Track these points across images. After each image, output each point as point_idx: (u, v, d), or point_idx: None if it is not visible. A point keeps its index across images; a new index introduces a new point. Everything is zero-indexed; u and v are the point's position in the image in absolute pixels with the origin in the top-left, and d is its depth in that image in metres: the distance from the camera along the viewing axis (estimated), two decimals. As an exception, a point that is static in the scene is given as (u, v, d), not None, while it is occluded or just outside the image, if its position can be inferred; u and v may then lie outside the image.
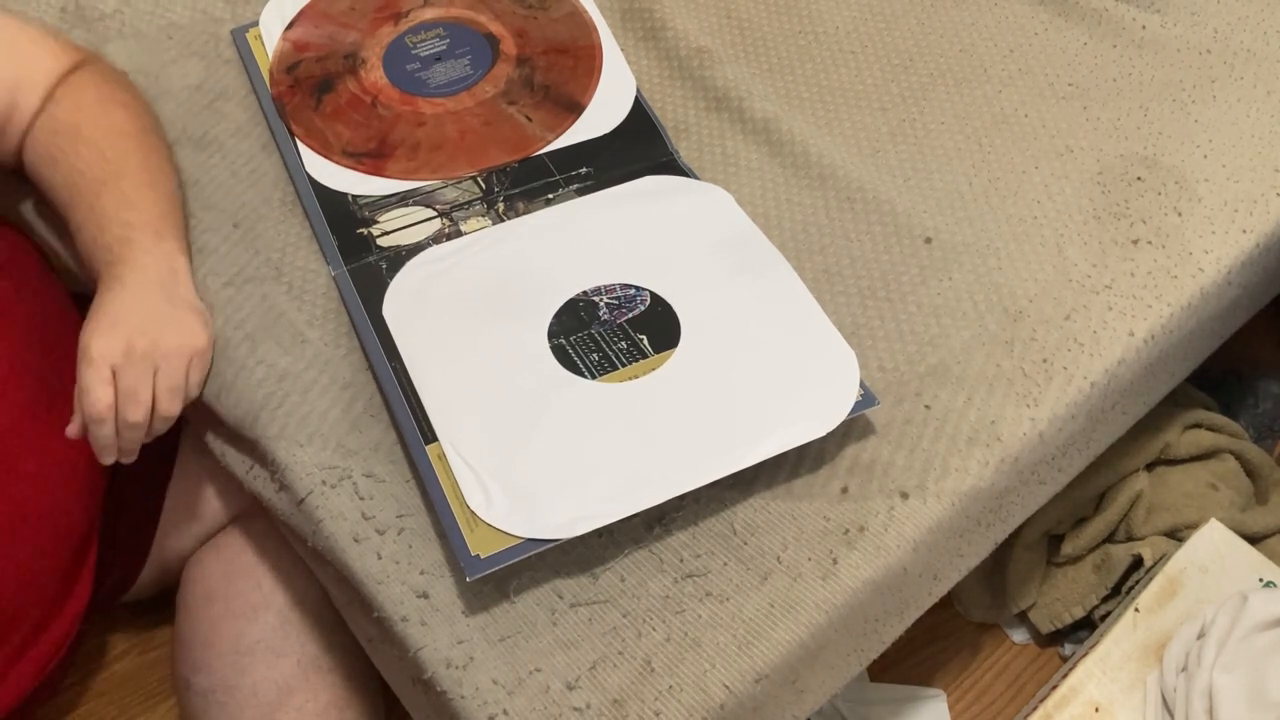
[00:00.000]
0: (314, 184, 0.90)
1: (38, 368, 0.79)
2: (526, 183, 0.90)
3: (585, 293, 0.82)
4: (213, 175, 0.91)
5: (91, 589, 0.88)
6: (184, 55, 1.00)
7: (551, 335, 0.79)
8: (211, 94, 0.97)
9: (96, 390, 0.72)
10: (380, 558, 0.71)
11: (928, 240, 0.88)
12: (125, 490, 0.91)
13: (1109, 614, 1.05)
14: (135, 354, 0.73)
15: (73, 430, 0.74)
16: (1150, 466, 1.14)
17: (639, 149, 0.93)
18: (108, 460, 0.75)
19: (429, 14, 1.02)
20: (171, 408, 0.76)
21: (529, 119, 0.95)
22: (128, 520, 0.92)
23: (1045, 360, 0.81)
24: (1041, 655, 1.15)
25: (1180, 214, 0.89)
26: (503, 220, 0.88)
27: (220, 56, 1.00)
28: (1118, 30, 1.03)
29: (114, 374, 0.73)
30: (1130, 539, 1.10)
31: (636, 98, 0.97)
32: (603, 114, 0.95)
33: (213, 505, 0.94)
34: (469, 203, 0.89)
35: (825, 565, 0.71)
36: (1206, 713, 0.87)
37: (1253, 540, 1.04)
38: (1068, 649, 1.14)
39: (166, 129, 0.92)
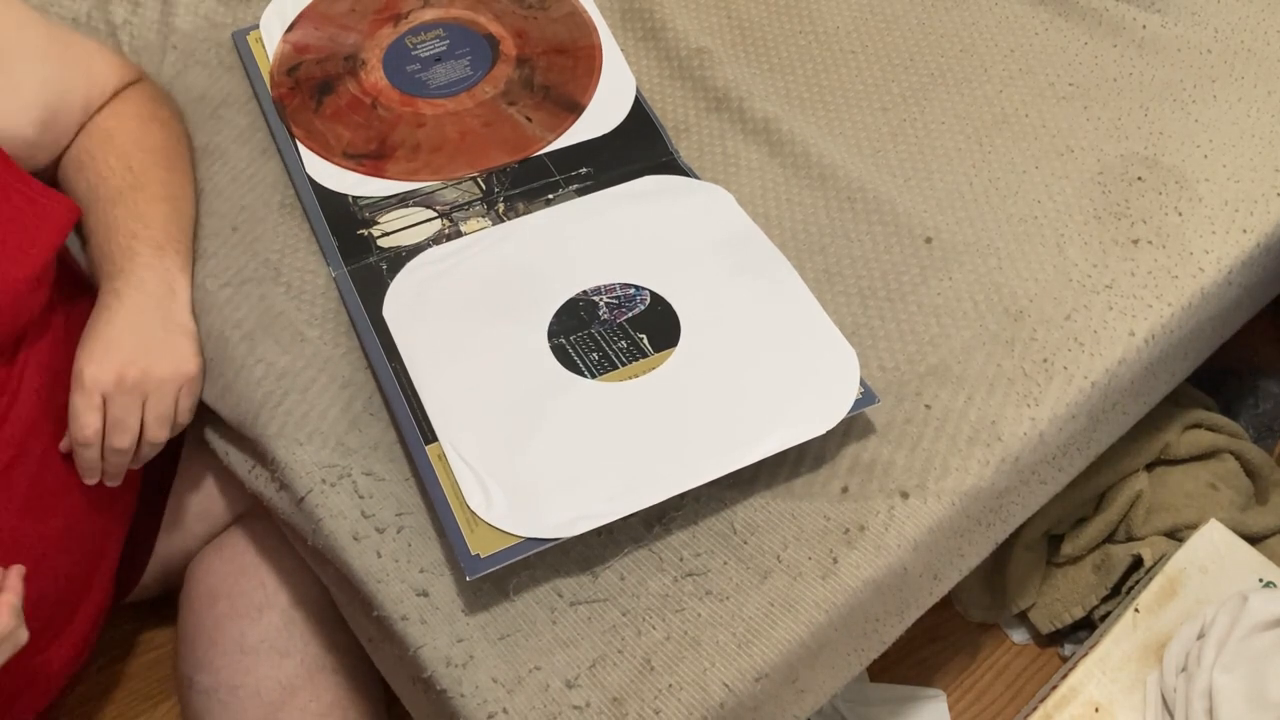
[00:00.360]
0: (314, 185, 0.90)
1: None
2: (526, 183, 0.91)
3: (585, 292, 0.82)
4: (214, 183, 0.91)
5: (109, 591, 0.89)
6: (187, 66, 1.00)
7: (551, 335, 0.80)
8: (213, 103, 0.97)
9: (85, 416, 0.74)
10: (380, 556, 0.71)
11: (928, 240, 0.88)
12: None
13: (1109, 614, 1.05)
14: (126, 383, 0.75)
15: (63, 446, 0.77)
16: (1150, 466, 1.14)
17: (639, 149, 0.93)
18: (90, 481, 0.78)
19: (429, 15, 1.02)
20: (159, 435, 0.78)
21: (529, 119, 0.95)
22: (132, 521, 0.92)
23: (1045, 360, 0.81)
24: (1041, 655, 1.15)
25: (1181, 214, 0.90)
26: (503, 221, 0.88)
27: (222, 63, 1.00)
28: (1118, 30, 1.03)
29: (104, 401, 0.75)
30: (1130, 539, 1.10)
31: (636, 98, 0.97)
32: (603, 114, 0.96)
33: (216, 505, 0.94)
34: (469, 203, 0.89)
35: (825, 564, 0.71)
36: (1206, 713, 0.87)
37: (1253, 540, 1.04)
38: (1067, 649, 1.14)
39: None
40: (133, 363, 0.75)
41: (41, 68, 0.82)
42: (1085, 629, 1.12)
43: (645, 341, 0.79)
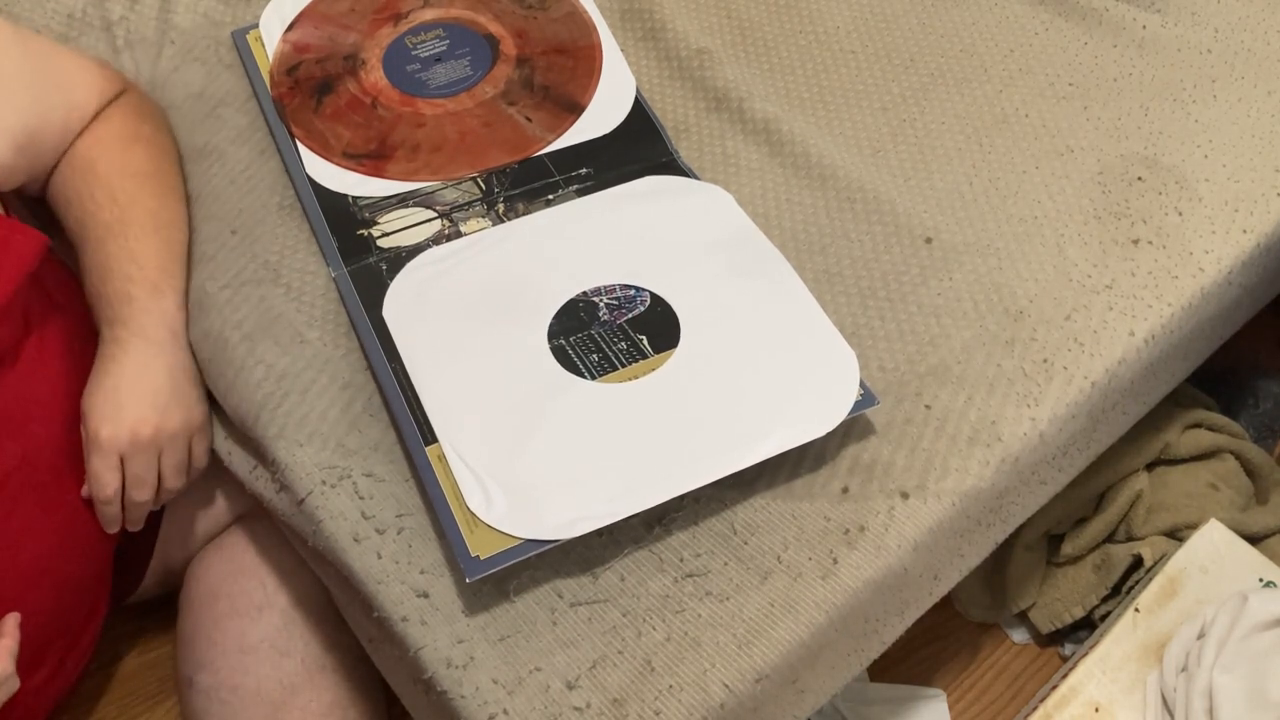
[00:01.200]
0: (314, 185, 0.90)
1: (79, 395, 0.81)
2: (526, 183, 0.90)
3: (585, 293, 0.82)
4: (212, 185, 0.91)
5: (110, 596, 0.89)
6: (185, 62, 1.00)
7: (551, 336, 0.79)
8: (212, 101, 0.97)
9: (105, 476, 0.78)
10: (380, 557, 0.71)
11: (928, 240, 0.88)
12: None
13: (1109, 614, 1.05)
14: (141, 442, 0.78)
15: (84, 493, 0.80)
16: (1150, 466, 1.13)
17: (639, 149, 0.93)
18: (112, 530, 0.82)
19: (429, 15, 1.02)
20: (176, 483, 0.82)
21: (529, 120, 0.95)
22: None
23: (1046, 360, 0.81)
24: (1041, 655, 1.15)
25: (1181, 214, 0.90)
26: (503, 221, 0.88)
27: (221, 61, 1.00)
28: (1118, 30, 1.03)
29: (121, 460, 0.78)
30: (1130, 539, 1.10)
31: (636, 98, 0.97)
32: (602, 114, 0.95)
33: (216, 505, 0.94)
34: (469, 204, 0.89)
35: (825, 565, 0.71)
36: (1206, 713, 0.87)
37: (1253, 540, 1.04)
38: (1068, 649, 1.14)
39: (168, 142, 0.93)
40: (145, 420, 0.78)
41: (18, 93, 0.81)
42: (1085, 629, 1.12)
43: (645, 343, 0.79)
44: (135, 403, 0.78)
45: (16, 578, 0.76)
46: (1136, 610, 0.96)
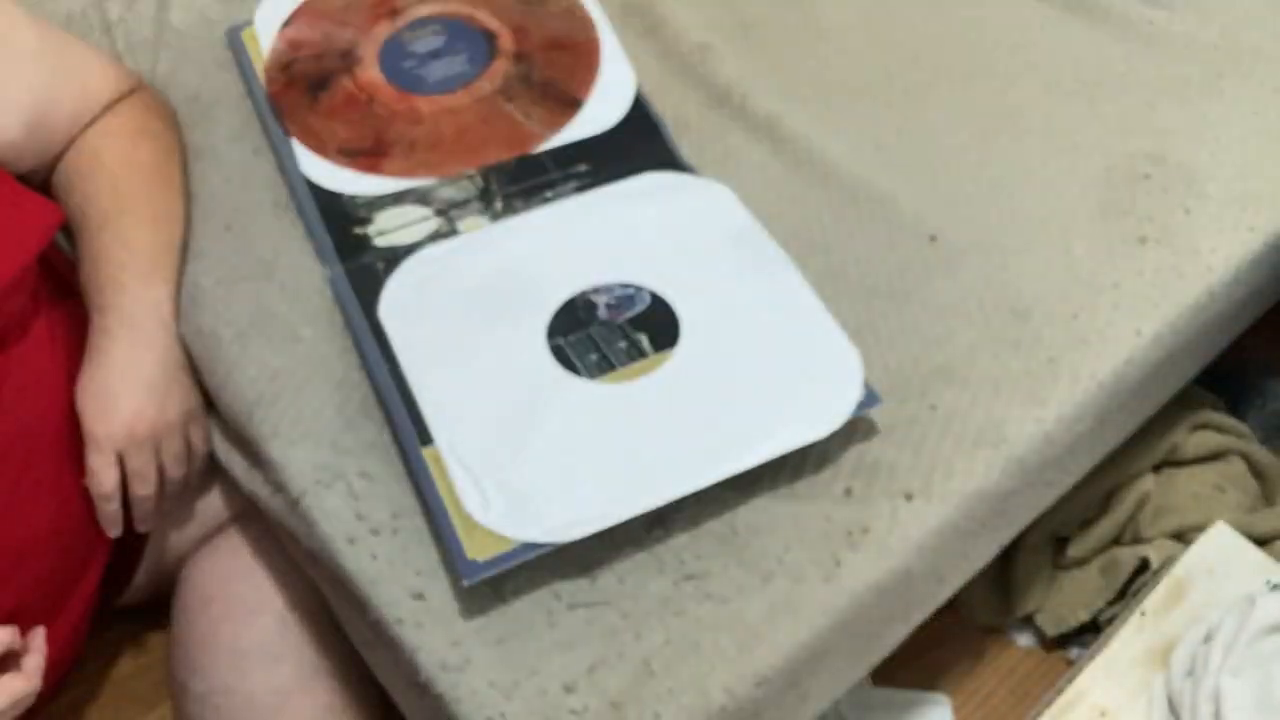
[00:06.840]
0: (309, 183, 0.89)
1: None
2: (524, 180, 0.89)
3: (584, 292, 0.81)
4: (208, 183, 0.90)
5: (97, 592, 0.88)
6: (181, 64, 0.98)
7: (550, 335, 0.78)
8: (207, 102, 0.96)
9: (103, 474, 0.78)
10: (375, 559, 0.70)
11: (932, 238, 0.87)
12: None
13: (1115, 617, 1.04)
14: (138, 436, 0.78)
15: (87, 482, 0.80)
16: (1157, 468, 1.13)
17: (639, 146, 0.92)
18: (113, 534, 0.82)
19: (425, 10, 1.01)
20: (178, 473, 0.82)
21: (527, 116, 0.94)
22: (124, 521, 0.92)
23: (1052, 360, 0.80)
24: (1047, 659, 1.14)
25: (1188, 211, 0.88)
26: (501, 219, 0.87)
27: (216, 61, 0.99)
28: (1124, 25, 1.02)
29: (120, 457, 0.78)
30: (1137, 541, 1.09)
31: (636, 94, 0.96)
32: (602, 110, 0.94)
33: (211, 506, 0.94)
34: (466, 201, 0.88)
35: (828, 567, 0.70)
36: (1213, 716, 0.86)
37: (1260, 542, 1.03)
38: (1073, 653, 1.13)
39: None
40: (140, 414, 0.78)
41: (30, 70, 0.81)
42: (1091, 632, 1.11)
43: (645, 342, 0.78)
44: (129, 397, 0.78)
45: (21, 540, 0.77)
46: (1143, 613, 0.95)
